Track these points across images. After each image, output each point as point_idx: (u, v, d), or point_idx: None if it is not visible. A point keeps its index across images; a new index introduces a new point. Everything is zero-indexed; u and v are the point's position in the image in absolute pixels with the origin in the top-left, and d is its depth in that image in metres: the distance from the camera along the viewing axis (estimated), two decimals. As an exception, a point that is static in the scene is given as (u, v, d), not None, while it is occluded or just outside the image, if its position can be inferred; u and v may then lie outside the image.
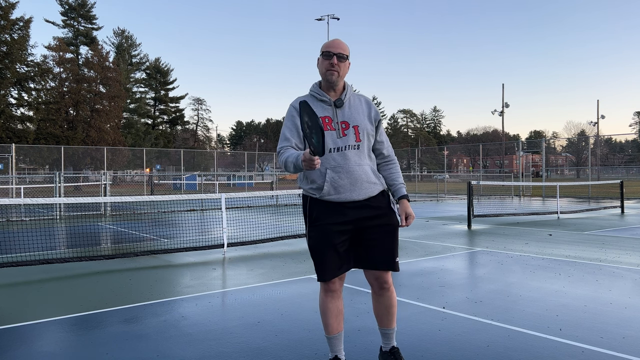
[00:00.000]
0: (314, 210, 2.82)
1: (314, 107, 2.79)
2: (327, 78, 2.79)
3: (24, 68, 41.65)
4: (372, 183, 2.82)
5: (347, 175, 2.75)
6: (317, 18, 37.68)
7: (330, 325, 2.87)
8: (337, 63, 2.75)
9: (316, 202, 2.81)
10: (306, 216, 2.88)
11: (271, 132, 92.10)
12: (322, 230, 2.77)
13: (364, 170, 2.80)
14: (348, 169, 2.75)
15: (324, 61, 2.78)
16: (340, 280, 2.86)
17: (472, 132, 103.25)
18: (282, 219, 13.25)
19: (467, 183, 12.02)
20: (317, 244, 2.78)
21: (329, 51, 2.76)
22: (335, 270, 2.78)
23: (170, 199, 7.70)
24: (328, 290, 2.85)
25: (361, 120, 2.83)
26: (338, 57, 2.76)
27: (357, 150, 2.79)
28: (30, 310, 4.46)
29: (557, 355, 3.26)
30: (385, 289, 2.91)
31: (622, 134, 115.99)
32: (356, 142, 2.79)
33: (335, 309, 2.86)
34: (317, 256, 2.79)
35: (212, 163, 53.84)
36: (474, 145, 66.15)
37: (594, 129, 52.34)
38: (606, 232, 10.23)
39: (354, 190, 2.76)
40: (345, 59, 2.79)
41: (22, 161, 40.78)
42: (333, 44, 2.79)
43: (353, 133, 2.79)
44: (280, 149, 2.78)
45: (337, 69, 2.76)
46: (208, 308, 4.49)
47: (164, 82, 67.25)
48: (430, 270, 6.20)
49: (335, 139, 2.76)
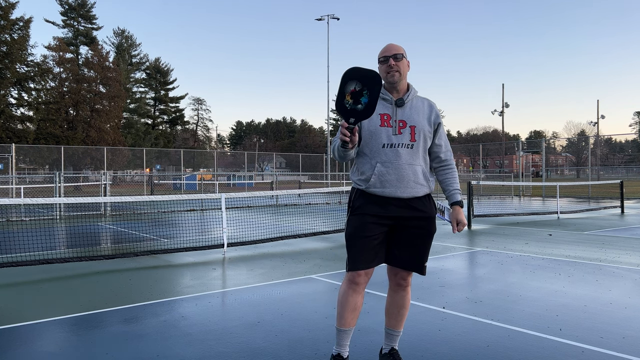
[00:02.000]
0: (358, 200, 2.87)
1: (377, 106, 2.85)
2: (389, 80, 2.82)
3: (24, 68, 41.61)
4: (419, 184, 2.84)
5: (395, 172, 2.78)
6: (317, 18, 37.64)
7: (344, 318, 2.87)
8: (395, 63, 2.79)
9: (361, 193, 2.87)
10: (350, 205, 2.93)
11: (271, 132, 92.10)
12: (360, 220, 2.82)
13: (414, 170, 2.82)
14: (397, 165, 2.78)
15: (382, 66, 2.84)
16: (366, 276, 2.87)
17: (472, 132, 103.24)
18: (282, 219, 13.25)
19: (467, 183, 12.02)
20: (354, 232, 2.82)
21: (385, 55, 2.82)
22: (367, 262, 2.81)
23: (170, 199, 7.70)
24: (352, 283, 2.85)
25: (419, 121, 2.85)
26: (394, 57, 2.80)
27: (410, 150, 2.81)
28: (30, 310, 4.46)
29: (557, 355, 3.26)
30: (402, 287, 2.95)
31: (622, 134, 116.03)
32: (410, 141, 2.81)
33: (354, 303, 2.86)
34: (352, 244, 2.82)
35: (212, 163, 53.83)
36: (474, 145, 66.12)
37: (594, 129, 52.34)
38: (606, 232, 10.23)
39: (400, 187, 2.79)
40: (402, 58, 2.83)
41: (22, 161, 40.77)
42: (386, 48, 2.85)
43: (409, 132, 2.81)
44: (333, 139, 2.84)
45: (397, 68, 2.80)
46: (208, 308, 4.49)
47: (164, 82, 67.21)
48: (430, 270, 6.20)
49: (390, 135, 2.80)
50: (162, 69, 66.90)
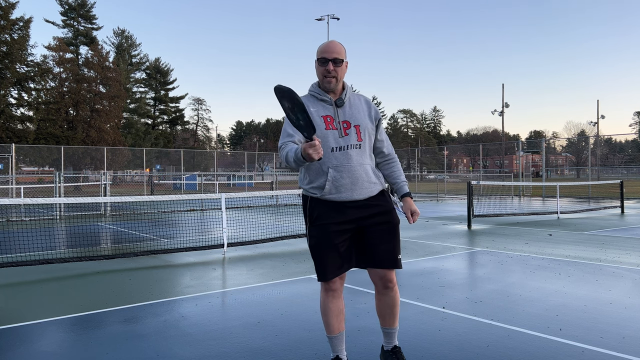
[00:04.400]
0: (315, 209, 2.81)
1: (315, 107, 2.78)
2: (324, 85, 2.77)
3: (24, 68, 41.62)
4: (372, 183, 2.83)
5: (349, 175, 2.75)
6: (317, 18, 37.68)
7: (331, 325, 2.87)
8: (333, 69, 2.72)
9: (317, 202, 2.81)
10: (306, 216, 2.86)
11: (271, 132, 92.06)
12: (322, 230, 2.76)
13: (365, 170, 2.80)
14: (350, 168, 2.75)
15: (320, 67, 2.75)
16: (340, 280, 2.86)
17: (472, 132, 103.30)
18: (282, 219, 13.25)
19: (467, 183, 12.02)
20: (317, 244, 2.78)
21: (325, 57, 2.72)
22: (335, 270, 2.78)
23: (170, 199, 7.70)
24: (329, 290, 2.85)
25: (362, 120, 2.82)
26: (334, 62, 2.72)
27: (359, 150, 2.79)
28: (30, 310, 4.46)
29: (557, 355, 3.26)
30: (390, 288, 2.91)
31: (622, 134, 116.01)
32: (358, 141, 2.78)
33: (336, 308, 2.86)
34: (318, 256, 2.79)
35: (212, 163, 53.82)
36: (474, 145, 66.12)
37: (594, 129, 52.34)
38: (606, 232, 10.23)
39: (355, 190, 2.77)
40: (341, 63, 2.74)
41: (22, 161, 40.77)
42: (328, 48, 2.73)
43: (355, 132, 2.78)
44: (282, 145, 2.74)
45: (335, 74, 2.73)
46: (208, 308, 4.49)
47: (164, 82, 67.25)
48: (430, 270, 6.20)
49: (337, 138, 2.75)
50: (162, 69, 66.92)
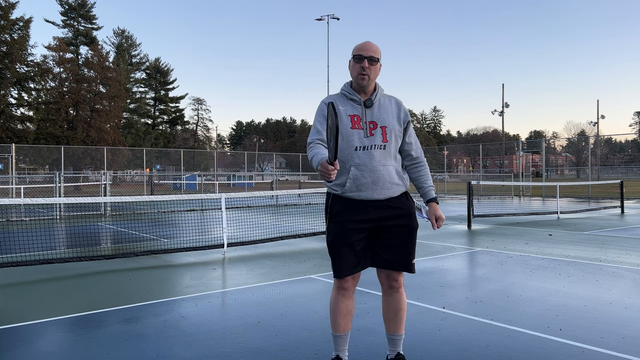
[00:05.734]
0: (335, 206, 2.84)
1: (344, 106, 2.81)
2: (357, 82, 2.79)
3: (24, 68, 41.64)
4: (394, 184, 2.82)
5: (370, 174, 2.76)
6: (317, 18, 37.60)
7: (338, 324, 2.88)
8: (368, 66, 2.75)
9: (338, 199, 2.84)
10: (327, 212, 2.89)
11: (271, 132, 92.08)
12: (340, 227, 2.79)
13: (388, 171, 2.80)
14: (372, 168, 2.76)
15: (355, 64, 2.78)
16: (353, 281, 2.87)
17: (472, 132, 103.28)
18: (282, 219, 13.25)
19: (467, 183, 12.01)
20: (335, 240, 2.80)
21: (361, 54, 2.76)
22: (351, 268, 2.80)
23: (170, 199, 7.70)
24: (340, 288, 2.86)
25: (389, 121, 2.83)
26: (369, 60, 2.76)
27: (383, 151, 2.80)
28: (30, 310, 4.45)
29: (557, 355, 3.26)
30: (395, 289, 2.92)
31: (622, 134, 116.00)
32: (383, 142, 2.79)
33: (345, 308, 2.87)
34: (334, 252, 2.81)
35: (212, 163, 53.82)
36: (474, 145, 66.11)
37: (594, 129, 52.32)
38: (606, 232, 10.23)
39: (376, 190, 2.77)
40: (376, 62, 2.78)
41: (22, 161, 40.76)
42: (364, 46, 2.78)
43: (380, 133, 2.79)
44: (311, 142, 2.79)
45: (368, 72, 2.76)
46: (208, 308, 4.49)
47: (164, 82, 67.25)
48: (430, 270, 6.20)
49: (362, 137, 2.77)
50: (162, 69, 66.92)
